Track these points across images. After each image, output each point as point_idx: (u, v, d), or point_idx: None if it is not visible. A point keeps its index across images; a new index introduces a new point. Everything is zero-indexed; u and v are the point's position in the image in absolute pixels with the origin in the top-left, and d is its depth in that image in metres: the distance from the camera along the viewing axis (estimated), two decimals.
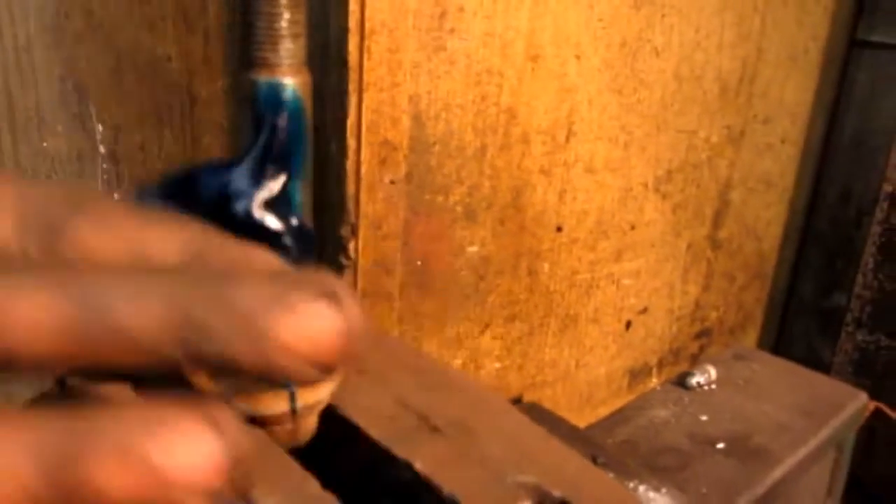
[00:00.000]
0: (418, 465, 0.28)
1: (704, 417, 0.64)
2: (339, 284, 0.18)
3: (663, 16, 0.73)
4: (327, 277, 0.18)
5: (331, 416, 0.32)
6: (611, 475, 0.41)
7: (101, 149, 0.74)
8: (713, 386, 0.72)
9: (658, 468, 0.55)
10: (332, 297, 0.17)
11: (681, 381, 0.74)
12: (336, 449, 0.31)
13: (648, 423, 0.63)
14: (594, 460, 0.48)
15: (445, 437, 0.30)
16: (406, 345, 0.40)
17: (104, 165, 0.75)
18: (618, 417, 0.66)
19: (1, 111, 0.83)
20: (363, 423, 0.30)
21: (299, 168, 0.48)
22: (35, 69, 0.78)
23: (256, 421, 0.30)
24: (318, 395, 0.31)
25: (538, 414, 0.54)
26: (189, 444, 0.16)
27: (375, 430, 0.30)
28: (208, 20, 0.63)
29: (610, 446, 0.57)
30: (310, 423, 0.32)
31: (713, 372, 0.72)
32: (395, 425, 0.30)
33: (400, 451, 0.29)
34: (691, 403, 0.69)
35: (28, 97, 0.79)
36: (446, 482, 0.27)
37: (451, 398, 0.33)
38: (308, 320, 0.17)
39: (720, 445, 0.58)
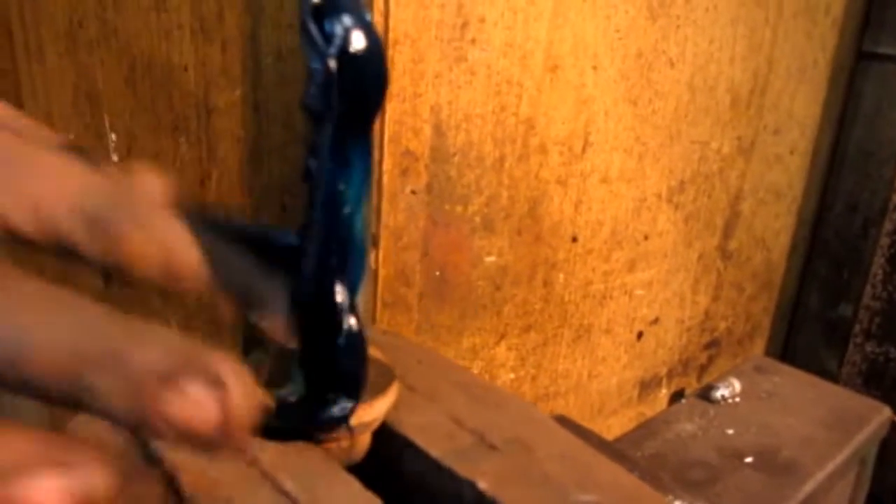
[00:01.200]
0: (482, 485, 0.28)
1: (731, 431, 0.64)
2: (233, 370, 0.19)
3: (678, 27, 0.74)
4: (225, 361, 0.19)
5: (386, 434, 0.31)
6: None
7: (115, 158, 0.74)
8: (737, 399, 0.72)
9: (689, 482, 0.55)
10: (218, 385, 0.18)
11: (705, 395, 0.74)
12: (391, 466, 0.31)
13: (676, 436, 0.62)
14: None
15: (503, 455, 0.30)
16: (448, 360, 0.40)
17: None
18: (645, 431, 0.65)
19: None
20: (421, 442, 0.30)
21: None
22: (48, 78, 0.77)
23: (313, 438, 0.30)
24: (373, 413, 0.30)
25: (566, 425, 0.53)
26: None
27: (434, 449, 0.30)
28: (225, 30, 0.63)
29: (641, 460, 0.57)
30: (365, 441, 0.31)
31: (737, 385, 0.72)
32: (453, 443, 0.30)
33: (462, 469, 0.28)
34: (717, 417, 0.69)
35: (40, 107, 0.79)
36: (511, 501, 0.27)
37: (502, 415, 0.32)
38: (186, 406, 0.18)
39: (748, 459, 0.58)
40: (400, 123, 0.56)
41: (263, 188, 0.65)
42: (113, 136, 0.73)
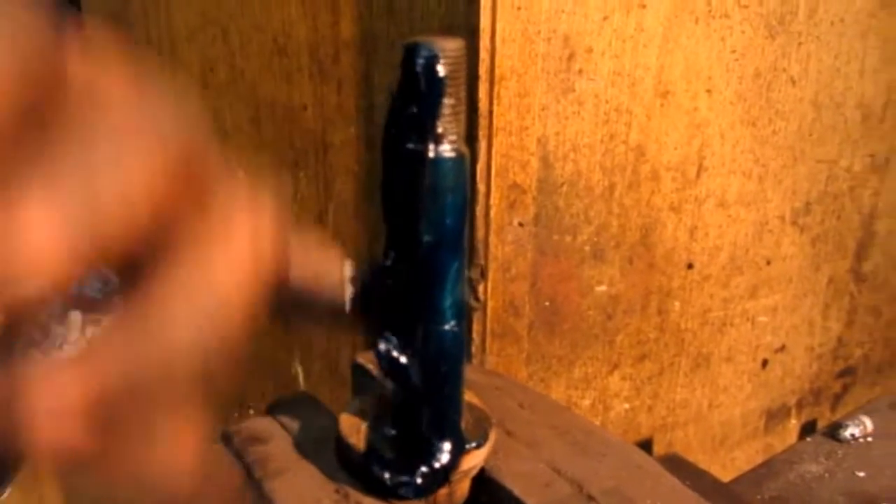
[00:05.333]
0: None
1: (862, 474, 0.60)
2: None
3: (800, 44, 0.70)
4: None
5: (485, 482, 0.32)
6: None
7: None
8: (869, 438, 0.67)
9: None
10: None
11: (832, 433, 0.69)
12: None
13: (799, 478, 0.59)
14: None
15: None
16: (552, 401, 0.40)
17: None
18: (765, 471, 0.62)
19: None
20: (519, 491, 0.30)
21: None
22: None
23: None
24: (473, 461, 0.31)
25: (677, 465, 0.52)
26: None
27: (532, 498, 0.30)
28: (341, 70, 0.66)
29: None
30: (464, 488, 0.32)
31: (868, 423, 0.67)
32: (551, 494, 0.30)
33: None
34: (846, 458, 0.64)
35: None
36: None
37: (603, 462, 0.32)
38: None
39: None
40: (507, 157, 0.57)
41: (377, 220, 0.67)
42: (241, 173, 0.78)
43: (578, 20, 0.57)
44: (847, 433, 0.67)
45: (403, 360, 0.29)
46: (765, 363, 0.83)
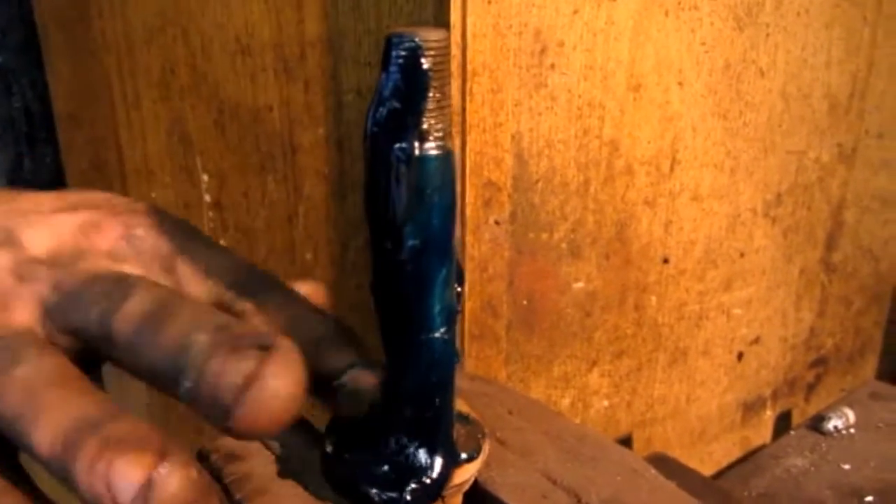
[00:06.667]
0: None
1: (847, 466, 0.60)
2: None
3: (768, 35, 0.70)
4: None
5: (478, 494, 0.31)
6: None
7: (207, 198, 0.76)
8: (852, 430, 0.67)
9: None
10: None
11: (815, 426, 0.69)
12: None
13: (786, 473, 0.59)
14: None
15: None
16: (540, 405, 0.39)
17: (209, 214, 0.77)
18: (751, 467, 0.62)
19: (112, 166, 0.87)
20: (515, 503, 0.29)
21: None
22: (144, 124, 0.81)
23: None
24: (465, 474, 0.30)
25: (665, 465, 0.51)
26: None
27: None
28: (307, 70, 0.64)
29: (748, 501, 0.54)
30: (456, 503, 0.31)
31: (851, 415, 0.68)
32: None
33: None
34: (830, 450, 0.64)
35: (137, 151, 0.83)
36: None
37: (598, 469, 0.31)
38: None
39: (869, 499, 0.54)
40: (481, 154, 0.56)
41: (348, 222, 0.66)
42: (205, 177, 0.76)
43: (549, 14, 0.57)
44: (830, 425, 0.67)
45: (390, 371, 0.27)
46: (740, 356, 0.83)
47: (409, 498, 0.28)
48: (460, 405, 0.32)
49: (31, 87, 1.04)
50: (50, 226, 0.27)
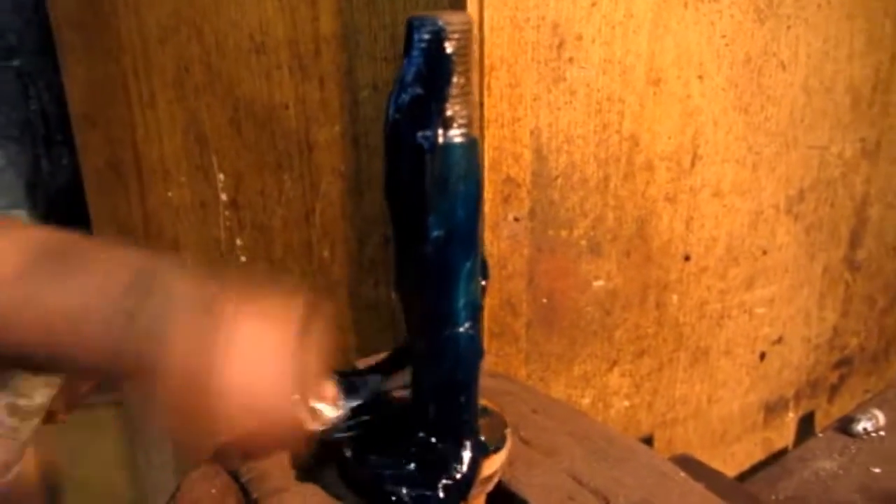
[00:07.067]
0: None
1: (877, 469, 0.58)
2: None
3: (789, 27, 0.69)
4: None
5: (503, 494, 0.30)
6: None
7: (223, 196, 0.76)
8: (882, 433, 0.65)
9: None
10: None
11: (844, 428, 0.67)
12: None
13: (814, 476, 0.57)
14: None
15: None
16: (565, 405, 0.38)
17: (226, 212, 0.76)
18: (778, 470, 0.60)
19: (128, 166, 0.87)
20: None
21: None
22: (159, 123, 0.80)
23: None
24: (493, 466, 0.29)
25: (690, 467, 0.50)
26: None
27: None
28: (322, 66, 0.63)
29: None
30: (480, 502, 0.30)
31: (881, 416, 0.66)
32: None
33: None
34: (859, 453, 0.62)
35: (153, 151, 0.82)
36: None
37: (625, 471, 0.30)
38: None
39: None
40: (499, 150, 0.55)
41: (365, 219, 0.65)
42: (221, 176, 0.75)
43: (567, 6, 0.56)
44: (859, 427, 0.65)
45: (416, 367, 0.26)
46: (763, 356, 0.82)
47: (441, 495, 0.27)
48: (482, 400, 0.31)
49: (47, 89, 1.04)
50: None
